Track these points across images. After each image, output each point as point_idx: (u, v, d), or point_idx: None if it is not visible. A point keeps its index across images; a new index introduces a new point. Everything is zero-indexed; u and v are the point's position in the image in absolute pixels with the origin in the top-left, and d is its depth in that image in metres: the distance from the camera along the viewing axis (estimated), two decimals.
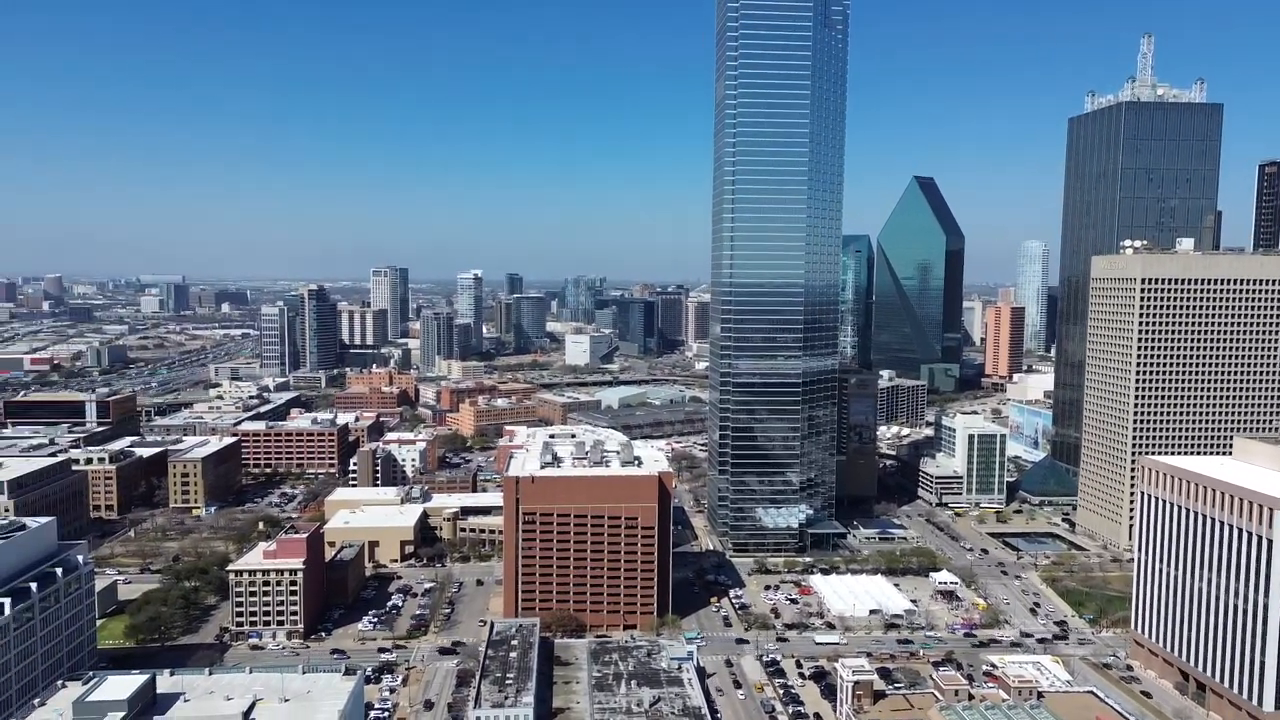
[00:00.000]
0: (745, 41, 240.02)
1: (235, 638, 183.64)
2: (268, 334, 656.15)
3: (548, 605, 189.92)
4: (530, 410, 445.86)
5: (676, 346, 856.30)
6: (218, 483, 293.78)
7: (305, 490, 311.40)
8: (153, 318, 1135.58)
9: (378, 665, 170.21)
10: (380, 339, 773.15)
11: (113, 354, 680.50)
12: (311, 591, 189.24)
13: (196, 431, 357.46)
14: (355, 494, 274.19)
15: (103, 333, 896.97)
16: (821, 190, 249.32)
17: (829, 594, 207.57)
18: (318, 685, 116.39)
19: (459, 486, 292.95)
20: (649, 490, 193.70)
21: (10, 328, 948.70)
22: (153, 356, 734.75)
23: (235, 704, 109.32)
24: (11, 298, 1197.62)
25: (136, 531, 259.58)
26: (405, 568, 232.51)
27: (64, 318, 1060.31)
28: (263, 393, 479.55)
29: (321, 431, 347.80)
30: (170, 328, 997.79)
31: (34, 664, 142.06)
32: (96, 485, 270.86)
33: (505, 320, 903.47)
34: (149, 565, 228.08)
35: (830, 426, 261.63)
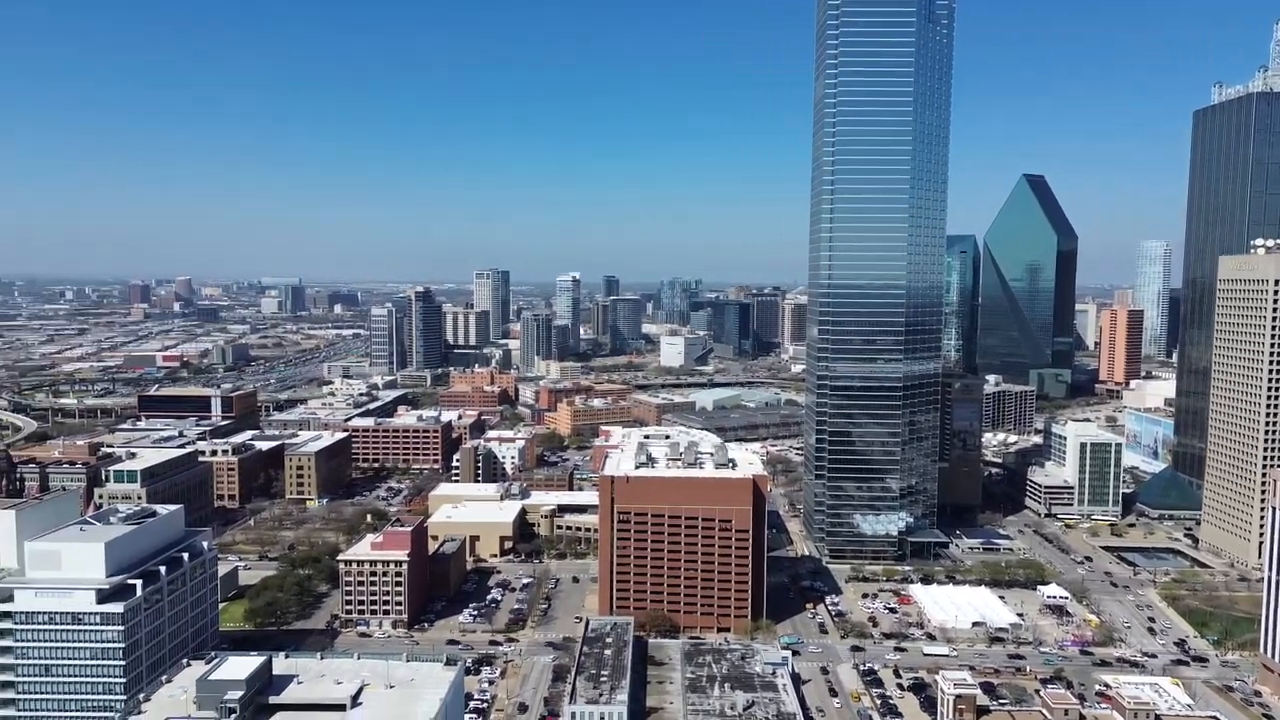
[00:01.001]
0: (846, 38, 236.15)
1: (344, 625, 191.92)
2: (377, 334, 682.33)
3: (642, 604, 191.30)
4: (625, 411, 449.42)
5: (772, 349, 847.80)
6: (329, 476, 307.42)
7: (410, 485, 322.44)
8: (272, 318, 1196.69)
9: (477, 657, 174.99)
10: (482, 339, 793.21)
11: (236, 352, 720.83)
12: (415, 583, 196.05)
13: (310, 427, 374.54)
14: (457, 489, 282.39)
15: (227, 332, 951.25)
16: (924, 189, 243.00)
17: (929, 604, 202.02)
18: (421, 674, 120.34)
19: (556, 484, 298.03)
20: (743, 493, 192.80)
21: (145, 327, 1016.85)
22: (272, 355, 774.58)
23: (344, 688, 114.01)
24: (146, 299, 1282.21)
25: (255, 520, 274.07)
26: (504, 563, 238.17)
27: (193, 318, 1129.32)
28: (372, 390, 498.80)
29: (426, 428, 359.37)
30: (288, 328, 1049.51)
31: (162, 643, 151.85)
32: (220, 476, 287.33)
33: (602, 322, 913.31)
34: (266, 553, 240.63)
35: (932, 432, 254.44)
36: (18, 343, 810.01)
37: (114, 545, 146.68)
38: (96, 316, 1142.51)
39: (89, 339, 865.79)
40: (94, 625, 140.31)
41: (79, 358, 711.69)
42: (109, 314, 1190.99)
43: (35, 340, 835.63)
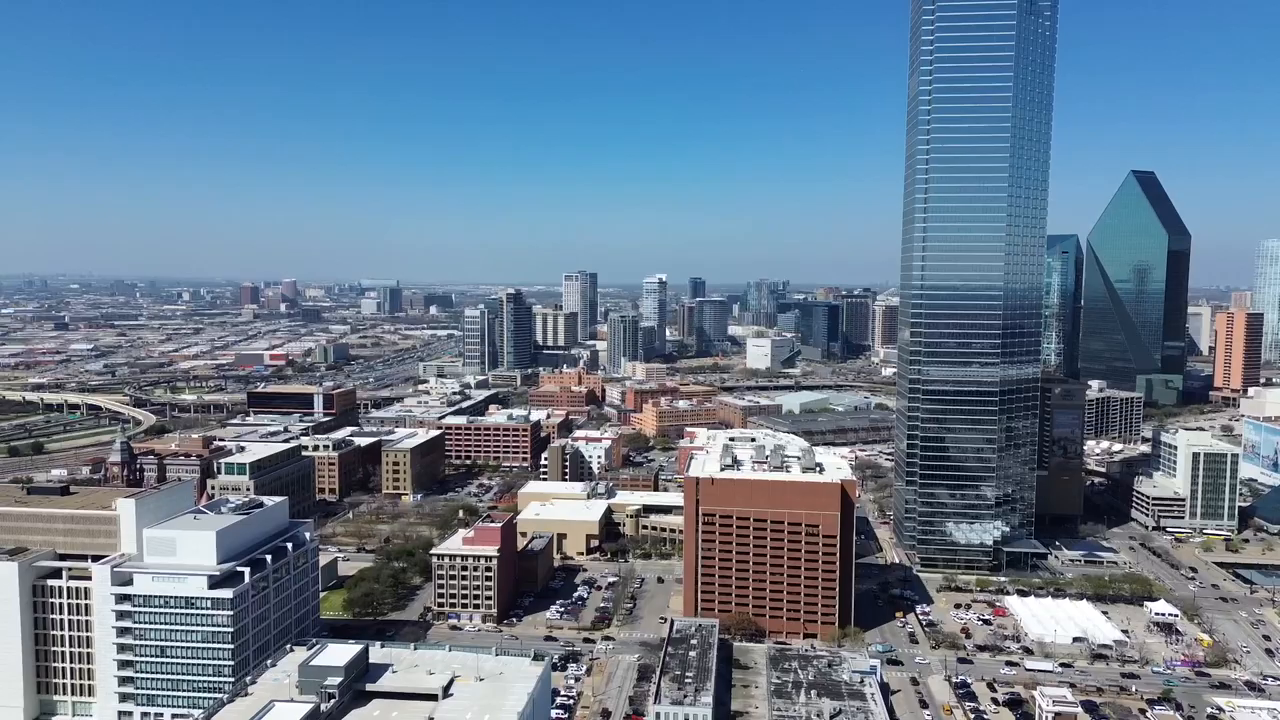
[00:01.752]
0: (941, 32, 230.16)
1: (437, 617, 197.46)
2: (470, 335, 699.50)
3: (727, 607, 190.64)
4: (711, 413, 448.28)
5: (862, 351, 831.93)
6: (424, 472, 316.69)
7: (500, 482, 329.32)
8: (371, 319, 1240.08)
9: (563, 653, 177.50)
10: (570, 340, 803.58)
11: (337, 351, 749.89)
12: (505, 578, 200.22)
13: (406, 424, 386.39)
14: (545, 488, 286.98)
15: (329, 332, 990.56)
16: (1024, 187, 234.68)
17: (1026, 617, 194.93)
18: (509, 668, 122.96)
19: (641, 484, 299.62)
20: (831, 497, 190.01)
21: (254, 326, 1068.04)
22: (370, 354, 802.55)
23: (437, 679, 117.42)
24: (255, 300, 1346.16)
25: (354, 514, 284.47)
26: (590, 561, 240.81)
27: (297, 318, 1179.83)
28: (464, 389, 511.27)
29: (516, 427, 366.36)
30: (385, 328, 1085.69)
31: (267, 628, 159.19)
32: (321, 470, 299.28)
33: (688, 323, 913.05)
34: (364, 545, 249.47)
35: (1030, 439, 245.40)
36: (139, 341, 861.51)
37: (225, 534, 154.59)
38: (210, 317, 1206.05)
39: (203, 338, 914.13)
40: (205, 610, 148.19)
41: (194, 356, 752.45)
42: (222, 314, 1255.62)
43: (155, 339, 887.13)
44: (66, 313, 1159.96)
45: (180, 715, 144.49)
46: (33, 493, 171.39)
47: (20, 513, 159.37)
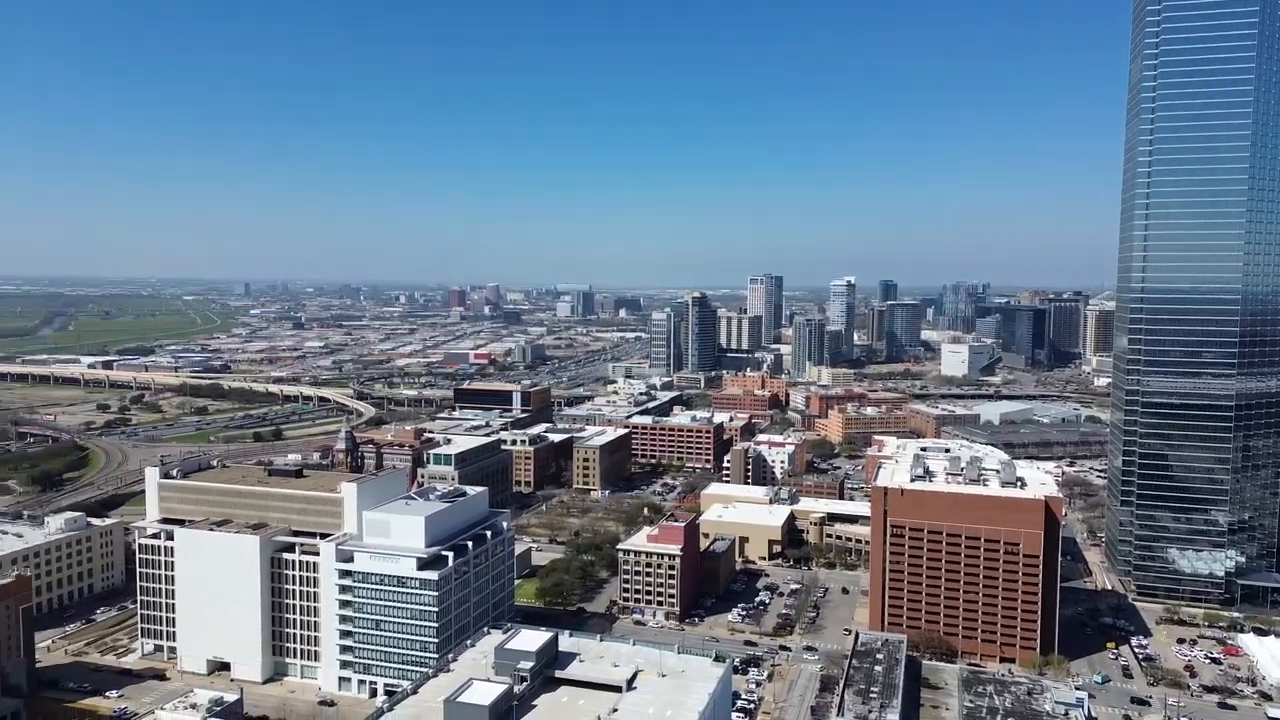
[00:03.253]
0: (1170, 10, 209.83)
1: (622, 611, 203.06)
2: (656, 337, 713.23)
3: (915, 623, 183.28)
4: (900, 420, 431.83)
5: (1070, 359, 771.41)
6: (611, 469, 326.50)
7: (683, 482, 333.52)
8: (565, 321, 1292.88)
9: (745, 657, 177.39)
10: (754, 344, 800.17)
11: (534, 352, 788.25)
12: (687, 577, 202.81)
13: (596, 422, 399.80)
14: (728, 490, 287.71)
15: (527, 333, 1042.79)
16: (1267, 179, 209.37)
17: (1265, 658, 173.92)
18: (691, 666, 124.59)
19: (826, 492, 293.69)
20: (1033, 515, 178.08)
21: (461, 328, 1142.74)
22: (564, 355, 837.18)
23: (621, 671, 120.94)
24: (462, 303, 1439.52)
25: (547, 506, 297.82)
26: (772, 566, 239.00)
27: (499, 320, 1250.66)
28: (650, 390, 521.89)
29: (699, 428, 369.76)
30: (578, 330, 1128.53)
31: (467, 610, 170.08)
32: (518, 463, 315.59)
33: (877, 327, 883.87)
34: (555, 537, 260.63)
35: (1273, 460, 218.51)
36: (362, 340, 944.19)
37: (432, 519, 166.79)
38: (423, 318, 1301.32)
39: (417, 338, 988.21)
40: (414, 589, 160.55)
41: (409, 354, 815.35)
42: (433, 316, 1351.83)
43: (375, 338, 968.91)
44: (303, 314, 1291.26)
45: (391, 685, 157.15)
46: (272, 474, 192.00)
47: (262, 492, 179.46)
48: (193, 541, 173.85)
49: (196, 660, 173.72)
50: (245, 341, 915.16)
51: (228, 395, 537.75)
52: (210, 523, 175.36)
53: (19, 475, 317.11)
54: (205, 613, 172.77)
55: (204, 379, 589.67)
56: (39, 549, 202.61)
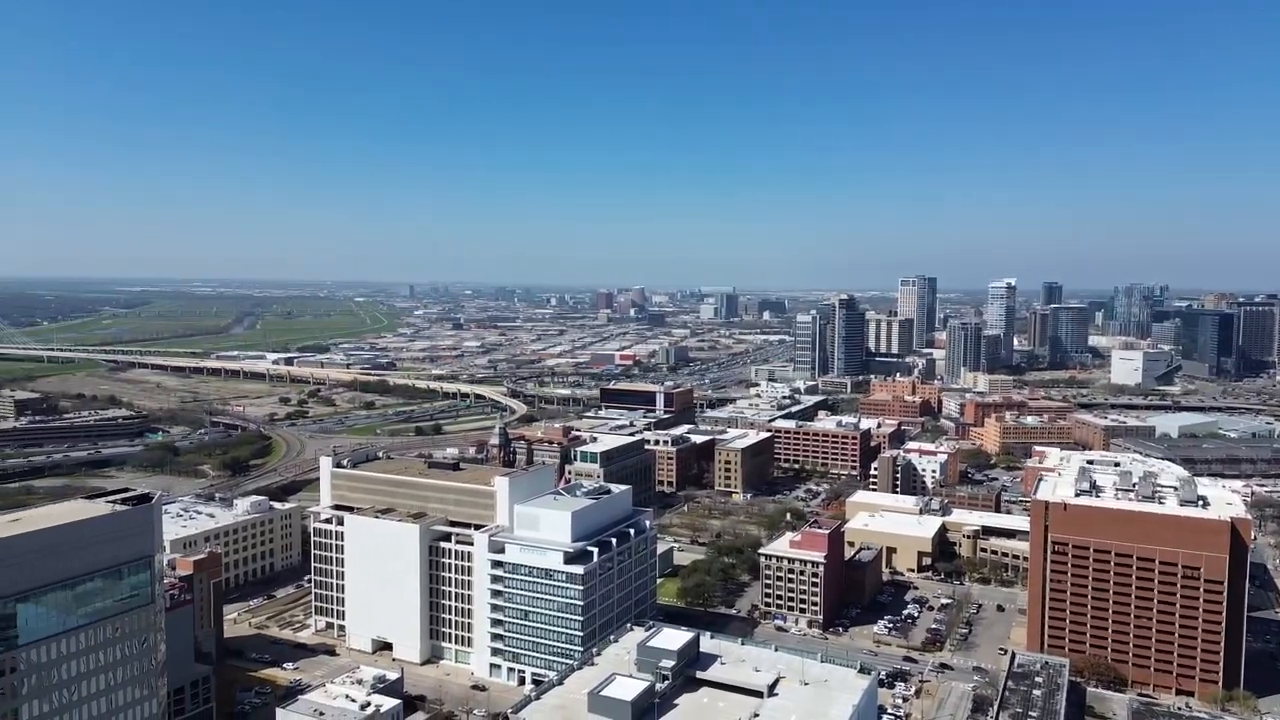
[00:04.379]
0: None
1: (763, 616, 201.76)
2: (801, 340, 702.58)
3: (1078, 646, 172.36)
4: (1064, 431, 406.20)
5: (1263, 369, 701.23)
6: (753, 472, 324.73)
7: (828, 488, 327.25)
8: (708, 323, 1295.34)
9: (891, 670, 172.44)
10: (905, 348, 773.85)
11: (677, 354, 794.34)
12: (830, 585, 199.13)
13: (738, 425, 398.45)
14: (874, 498, 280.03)
15: (671, 335, 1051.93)
16: None
17: None
18: (835, 676, 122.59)
19: (980, 504, 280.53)
20: (1217, 537, 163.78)
21: (607, 329, 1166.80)
22: (707, 357, 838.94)
23: (762, 676, 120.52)
24: (609, 305, 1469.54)
25: (689, 507, 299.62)
26: (920, 578, 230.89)
27: (644, 322, 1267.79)
28: (794, 394, 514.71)
29: (845, 434, 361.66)
30: (721, 332, 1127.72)
31: (611, 606, 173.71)
32: (661, 463, 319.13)
33: (1039, 332, 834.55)
34: (696, 538, 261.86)
35: None
36: (515, 340, 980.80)
37: (579, 515, 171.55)
38: (572, 320, 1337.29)
39: (566, 339, 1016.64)
40: (560, 582, 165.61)
41: (558, 354, 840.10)
42: (581, 318, 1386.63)
43: (528, 339, 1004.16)
44: (462, 315, 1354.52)
45: (539, 674, 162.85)
46: (432, 467, 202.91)
47: (423, 483, 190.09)
48: (360, 527, 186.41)
49: (363, 639, 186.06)
50: (409, 341, 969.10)
51: (393, 391, 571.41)
52: (376, 510, 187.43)
53: (212, 461, 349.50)
54: (370, 594, 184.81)
55: (372, 376, 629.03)
56: (228, 529, 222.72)
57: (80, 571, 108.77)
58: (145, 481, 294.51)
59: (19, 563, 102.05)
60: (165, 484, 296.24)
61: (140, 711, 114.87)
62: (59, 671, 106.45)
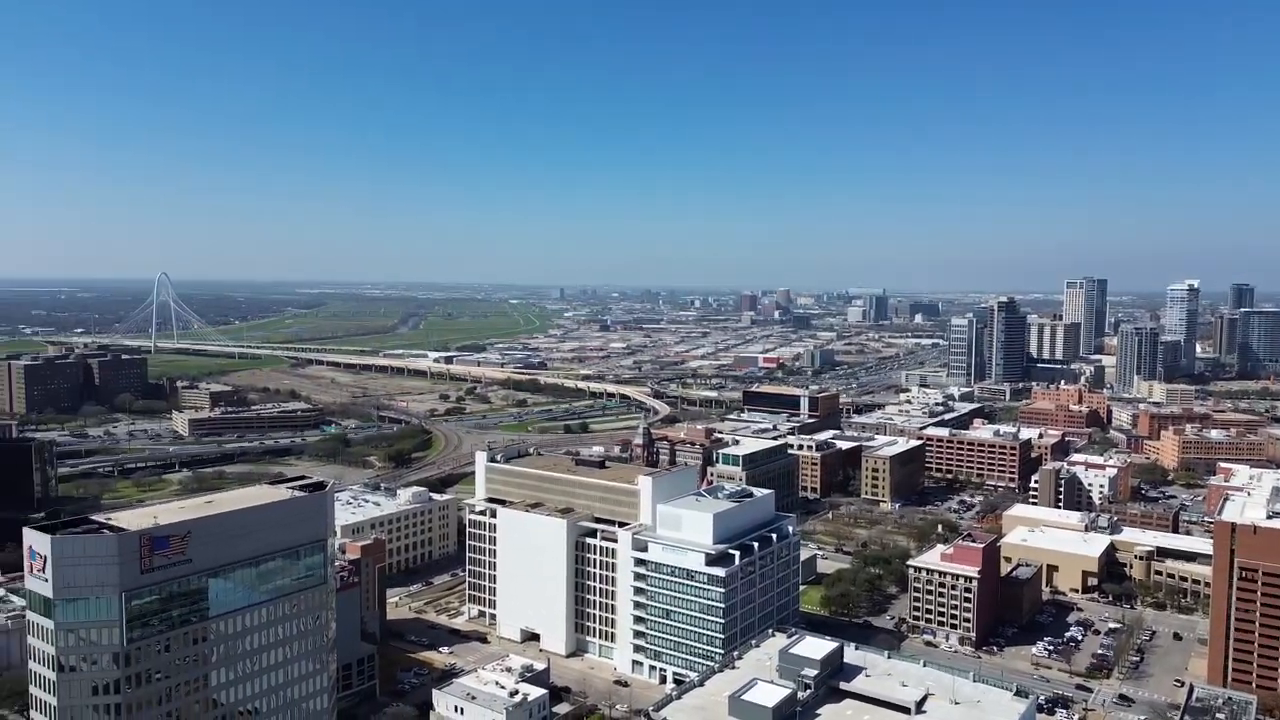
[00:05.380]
0: None
1: (911, 630, 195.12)
2: (955, 344, 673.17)
3: (1268, 683, 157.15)
4: (1254, 447, 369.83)
5: None
6: (902, 481, 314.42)
7: (983, 501, 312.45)
8: (856, 326, 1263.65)
9: (1051, 696, 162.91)
10: (1070, 354, 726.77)
11: (823, 357, 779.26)
12: (985, 602, 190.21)
13: (886, 431, 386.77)
14: (1034, 512, 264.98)
15: (816, 338, 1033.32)
16: None
17: None
18: (988, 697, 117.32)
19: (1155, 523, 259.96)
20: None
21: (751, 331, 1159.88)
22: (854, 360, 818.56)
23: (910, 691, 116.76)
24: (753, 307, 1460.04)
25: (833, 514, 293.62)
26: (1085, 600, 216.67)
27: (788, 324, 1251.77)
28: (947, 400, 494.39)
29: (1003, 444, 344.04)
30: (870, 335, 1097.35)
31: (752, 610, 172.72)
32: (804, 469, 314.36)
33: (1226, 338, 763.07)
34: (841, 546, 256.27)
35: None
36: (659, 342, 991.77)
37: (720, 517, 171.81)
38: (715, 322, 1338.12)
39: (709, 341, 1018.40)
40: (702, 584, 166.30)
41: (701, 356, 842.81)
42: (725, 320, 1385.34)
43: (671, 340, 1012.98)
44: (609, 317, 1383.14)
45: (680, 674, 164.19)
46: (579, 464, 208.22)
47: (570, 480, 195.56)
48: (511, 520, 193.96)
49: (512, 628, 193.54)
50: (559, 341, 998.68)
51: (543, 390, 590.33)
52: (526, 504, 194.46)
53: (379, 452, 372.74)
54: (520, 586, 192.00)
55: (524, 375, 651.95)
56: (391, 517, 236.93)
57: (263, 551, 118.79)
58: (320, 470, 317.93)
59: (211, 541, 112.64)
60: (337, 473, 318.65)
61: (313, 684, 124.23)
62: (243, 642, 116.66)
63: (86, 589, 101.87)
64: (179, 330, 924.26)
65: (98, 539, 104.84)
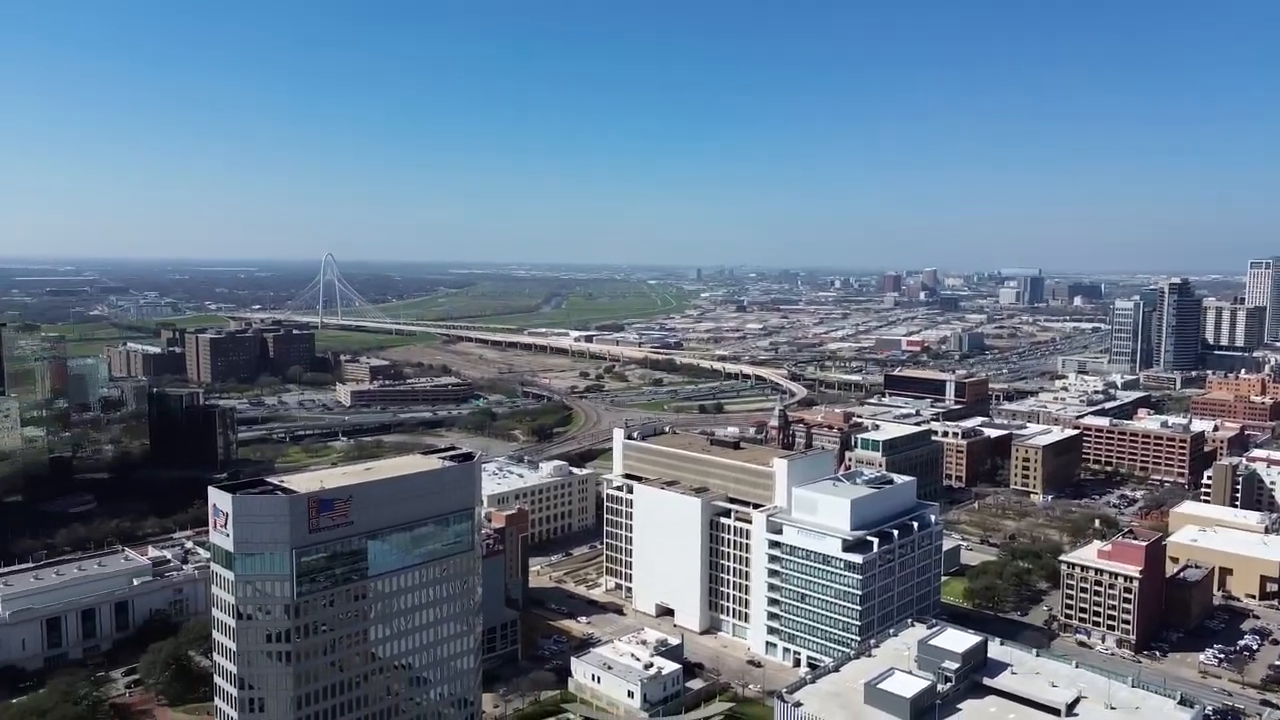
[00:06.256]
0: None
1: (1063, 629, 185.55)
2: (1119, 329, 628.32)
3: None
4: None
5: None
6: (1056, 472, 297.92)
7: (1147, 496, 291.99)
8: (1008, 308, 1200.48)
9: (1221, 707, 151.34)
10: (1253, 341, 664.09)
11: (971, 340, 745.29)
12: (1146, 604, 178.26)
13: (1039, 419, 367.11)
14: (1206, 511, 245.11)
15: (964, 320, 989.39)
16: None
17: None
18: (1148, 705, 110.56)
19: None
20: None
21: (894, 313, 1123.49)
22: (1005, 345, 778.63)
23: (1060, 693, 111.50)
24: (897, 288, 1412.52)
25: (979, 504, 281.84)
26: (1263, 607, 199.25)
27: (934, 306, 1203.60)
28: (1108, 388, 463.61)
29: (1171, 436, 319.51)
30: (1023, 318, 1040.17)
31: (890, 599, 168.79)
32: (949, 456, 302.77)
33: None
34: (987, 538, 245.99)
35: None
36: (797, 323, 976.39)
37: (858, 503, 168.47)
38: (856, 303, 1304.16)
39: (849, 323, 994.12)
40: (838, 569, 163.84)
41: (840, 338, 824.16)
42: (866, 301, 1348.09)
43: (809, 322, 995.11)
44: (745, 297, 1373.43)
45: (814, 658, 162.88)
46: (713, 444, 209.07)
47: (705, 459, 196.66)
48: (647, 496, 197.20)
49: (647, 602, 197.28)
50: (695, 322, 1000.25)
51: (679, 370, 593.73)
52: (662, 482, 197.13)
53: (522, 426, 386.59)
54: (655, 561, 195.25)
55: (661, 354, 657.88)
56: (534, 489, 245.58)
57: (416, 517, 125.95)
58: (468, 441, 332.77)
59: (371, 505, 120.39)
60: (484, 445, 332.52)
61: (460, 645, 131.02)
62: (398, 601, 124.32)
63: (262, 545, 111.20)
64: (342, 307, 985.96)
65: (273, 499, 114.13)
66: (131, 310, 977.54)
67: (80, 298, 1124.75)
